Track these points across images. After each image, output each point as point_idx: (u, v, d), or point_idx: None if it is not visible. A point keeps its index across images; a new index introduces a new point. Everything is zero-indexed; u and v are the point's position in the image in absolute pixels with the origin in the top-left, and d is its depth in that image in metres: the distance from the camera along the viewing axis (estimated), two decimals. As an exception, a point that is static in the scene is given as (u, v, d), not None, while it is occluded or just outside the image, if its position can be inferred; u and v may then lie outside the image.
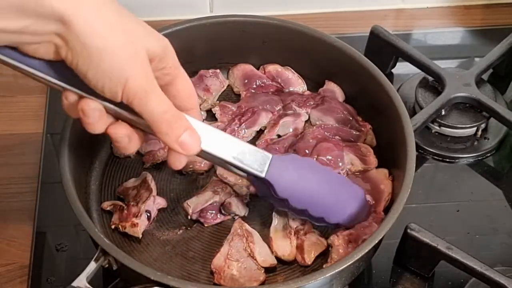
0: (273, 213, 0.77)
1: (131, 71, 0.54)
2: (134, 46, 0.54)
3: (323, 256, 0.75)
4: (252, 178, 0.70)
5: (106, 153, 0.84)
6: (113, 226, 0.77)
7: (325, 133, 0.84)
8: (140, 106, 0.56)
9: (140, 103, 0.56)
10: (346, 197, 0.74)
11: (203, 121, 0.70)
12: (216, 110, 0.87)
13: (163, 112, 0.57)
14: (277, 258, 0.75)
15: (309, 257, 0.74)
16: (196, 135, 0.61)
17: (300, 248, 0.74)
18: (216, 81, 0.90)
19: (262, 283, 0.72)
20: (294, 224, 0.76)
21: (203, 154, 0.65)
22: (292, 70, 0.91)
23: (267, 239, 0.76)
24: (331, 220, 0.73)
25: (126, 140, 0.60)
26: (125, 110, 0.59)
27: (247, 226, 0.76)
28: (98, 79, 0.54)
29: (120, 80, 0.54)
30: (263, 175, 0.68)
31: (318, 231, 0.76)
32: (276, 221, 0.77)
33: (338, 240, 0.73)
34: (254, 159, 0.68)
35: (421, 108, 0.91)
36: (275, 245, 0.75)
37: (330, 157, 0.80)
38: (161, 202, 0.79)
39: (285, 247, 0.75)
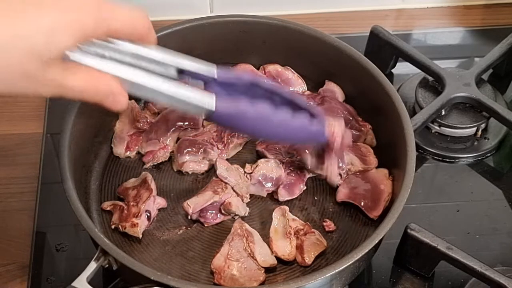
0: (273, 213, 0.77)
1: (29, 87, 0.54)
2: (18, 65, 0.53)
3: (323, 256, 0.75)
4: None
5: (106, 153, 0.84)
6: (113, 226, 0.77)
7: (325, 133, 0.84)
8: (63, 96, 0.56)
9: (61, 95, 0.56)
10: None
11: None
12: (216, 110, 0.87)
13: (81, 92, 0.56)
14: (277, 258, 0.75)
15: (309, 257, 0.74)
16: (120, 96, 0.58)
17: (300, 248, 0.74)
18: (216, 81, 0.90)
19: (262, 283, 0.72)
20: (294, 224, 0.76)
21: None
22: (292, 70, 0.91)
23: (267, 239, 0.76)
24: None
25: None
26: None
27: (247, 226, 0.76)
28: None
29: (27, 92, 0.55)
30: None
31: (318, 231, 0.76)
32: (276, 221, 0.77)
33: None
34: (193, 110, 0.63)
35: (421, 108, 0.91)
36: (274, 245, 0.75)
37: (330, 157, 0.81)
38: (161, 202, 0.79)
39: (285, 247, 0.75)
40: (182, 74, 0.62)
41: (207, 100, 0.61)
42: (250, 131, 0.70)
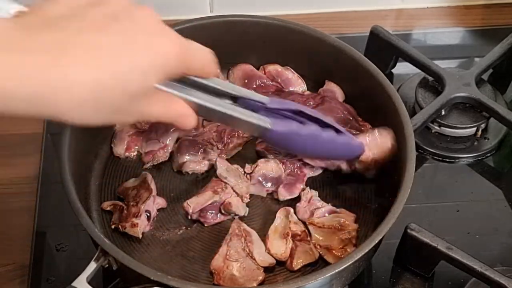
0: (278, 212, 0.77)
1: (115, 119, 0.58)
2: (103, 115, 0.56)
3: (312, 267, 0.75)
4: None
5: (106, 153, 0.84)
6: (113, 226, 0.77)
7: (325, 133, 0.84)
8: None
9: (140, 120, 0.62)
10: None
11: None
12: (216, 110, 0.86)
13: (159, 116, 0.62)
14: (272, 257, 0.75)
15: (296, 263, 0.74)
16: (190, 117, 0.64)
17: (291, 251, 0.74)
18: (216, 81, 0.90)
19: (262, 283, 0.72)
20: (294, 228, 0.76)
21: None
22: (292, 70, 0.91)
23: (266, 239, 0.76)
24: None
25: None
26: None
27: (245, 226, 0.76)
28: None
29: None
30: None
31: (313, 242, 0.76)
32: (279, 221, 0.77)
33: None
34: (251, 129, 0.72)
35: (421, 108, 0.91)
36: (270, 243, 0.75)
37: (330, 157, 0.81)
38: (161, 202, 0.79)
39: (280, 246, 0.74)
40: (236, 102, 0.71)
41: (264, 121, 0.70)
42: (300, 149, 0.77)
